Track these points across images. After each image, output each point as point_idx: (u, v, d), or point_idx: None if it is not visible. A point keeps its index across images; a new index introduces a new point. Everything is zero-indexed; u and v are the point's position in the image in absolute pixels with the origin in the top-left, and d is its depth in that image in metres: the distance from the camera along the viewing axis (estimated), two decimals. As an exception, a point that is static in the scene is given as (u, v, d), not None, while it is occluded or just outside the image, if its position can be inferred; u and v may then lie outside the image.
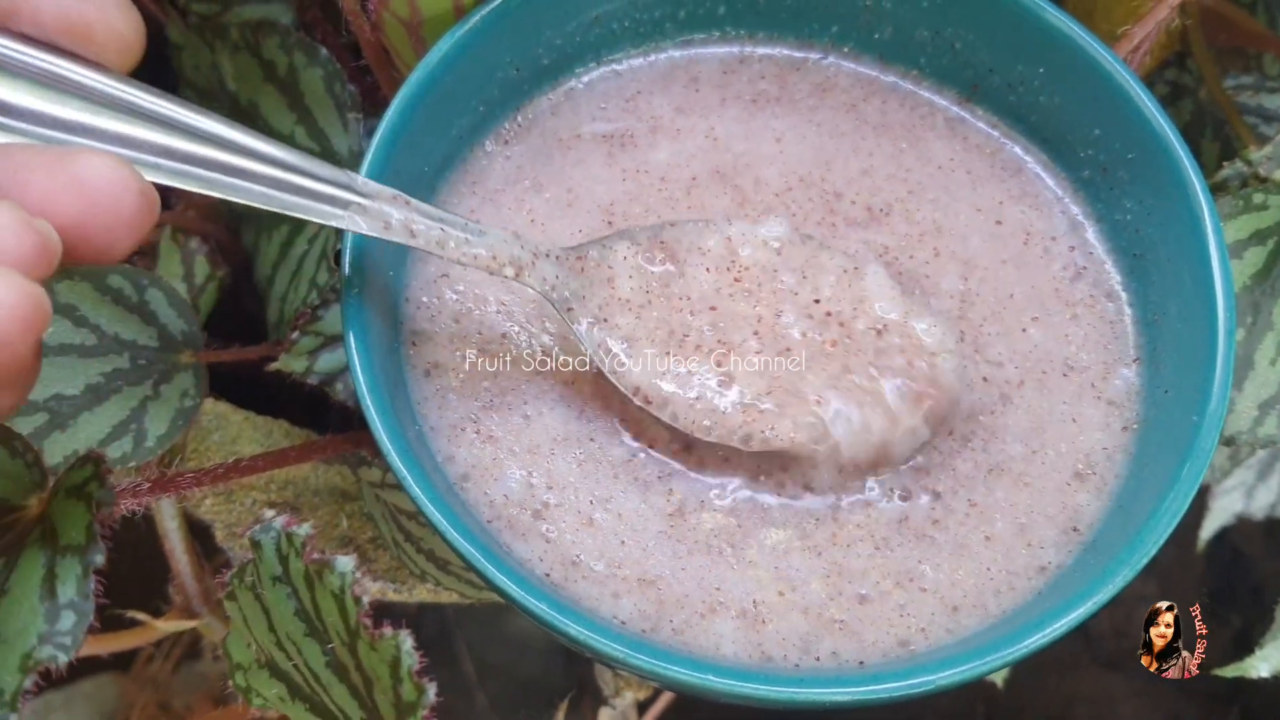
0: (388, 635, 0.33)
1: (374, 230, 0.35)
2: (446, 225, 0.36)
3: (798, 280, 0.39)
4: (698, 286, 0.39)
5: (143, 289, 0.45)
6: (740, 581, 0.36)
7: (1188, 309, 0.37)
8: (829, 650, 0.35)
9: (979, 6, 0.41)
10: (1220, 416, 0.35)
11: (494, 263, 0.36)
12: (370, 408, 0.34)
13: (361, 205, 0.34)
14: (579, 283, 0.38)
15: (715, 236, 0.39)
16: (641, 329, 0.38)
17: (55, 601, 0.32)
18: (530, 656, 0.61)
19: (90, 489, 0.33)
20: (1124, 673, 0.68)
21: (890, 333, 0.38)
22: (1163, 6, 0.44)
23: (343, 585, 0.34)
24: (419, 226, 0.35)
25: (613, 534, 0.37)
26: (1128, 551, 0.33)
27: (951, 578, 0.36)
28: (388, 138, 0.38)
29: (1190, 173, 0.38)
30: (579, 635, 0.32)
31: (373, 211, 0.35)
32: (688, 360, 0.38)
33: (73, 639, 0.32)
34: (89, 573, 0.32)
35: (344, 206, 0.34)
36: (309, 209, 0.34)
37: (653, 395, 0.37)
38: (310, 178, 0.34)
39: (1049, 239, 0.42)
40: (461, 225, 0.36)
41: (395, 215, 0.35)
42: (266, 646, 0.37)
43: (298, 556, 0.35)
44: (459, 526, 0.33)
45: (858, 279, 0.39)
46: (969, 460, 0.38)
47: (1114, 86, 0.39)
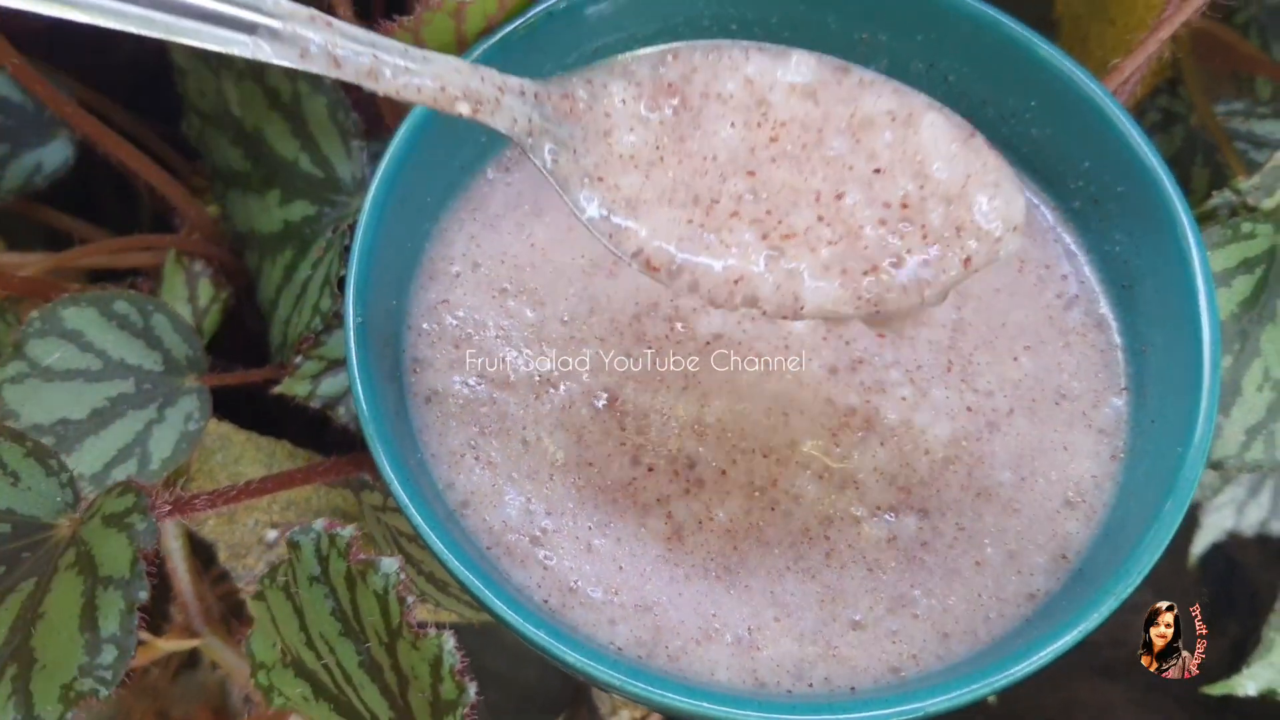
0: (431, 634, 0.34)
1: (287, 59, 0.30)
2: (380, 51, 0.31)
3: (850, 145, 0.33)
4: (725, 145, 0.33)
5: (148, 314, 0.46)
6: (736, 607, 0.37)
7: (1174, 341, 0.38)
8: (821, 676, 0.36)
9: (972, 40, 0.42)
10: (1205, 448, 0.36)
11: (443, 95, 0.31)
12: (373, 437, 0.35)
13: (271, 28, 0.30)
14: (566, 129, 0.32)
15: (734, 78, 0.33)
16: (651, 191, 0.32)
17: (97, 634, 0.32)
18: (529, 667, 0.61)
19: (133, 520, 0.34)
20: (1121, 681, 0.69)
21: (954, 204, 0.33)
22: (1153, 40, 0.44)
23: (387, 585, 0.34)
24: (343, 52, 0.30)
25: (610, 559, 0.37)
26: (1114, 581, 0.34)
27: (944, 604, 0.37)
28: (391, 169, 0.39)
29: (1178, 207, 0.39)
30: (576, 662, 0.33)
31: (285, 35, 0.30)
32: (721, 230, 0.32)
33: (114, 673, 0.32)
34: (133, 609, 0.33)
35: (249, 30, 0.29)
36: (202, 34, 0.29)
37: (660, 260, 0.32)
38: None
39: (1043, 267, 0.42)
40: (400, 51, 0.31)
41: (314, 39, 0.30)
42: (295, 646, 0.38)
43: (340, 557, 0.35)
44: (459, 554, 0.34)
45: (912, 132, 0.34)
46: (954, 483, 0.39)
47: (1103, 120, 0.40)
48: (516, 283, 0.42)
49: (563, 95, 0.33)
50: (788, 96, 0.33)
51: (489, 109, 0.32)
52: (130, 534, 0.33)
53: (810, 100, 0.33)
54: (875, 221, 0.33)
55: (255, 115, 0.48)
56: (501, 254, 0.42)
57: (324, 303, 0.45)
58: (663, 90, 0.33)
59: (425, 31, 0.40)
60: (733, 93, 0.33)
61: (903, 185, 0.33)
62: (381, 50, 0.31)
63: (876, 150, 0.33)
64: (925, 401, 0.40)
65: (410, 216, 0.41)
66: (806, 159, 0.33)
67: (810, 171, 0.33)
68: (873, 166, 0.33)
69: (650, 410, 0.39)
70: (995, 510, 0.39)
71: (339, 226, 0.46)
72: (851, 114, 0.33)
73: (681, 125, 0.33)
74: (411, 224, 0.41)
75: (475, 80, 0.31)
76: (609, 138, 0.33)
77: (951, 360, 0.41)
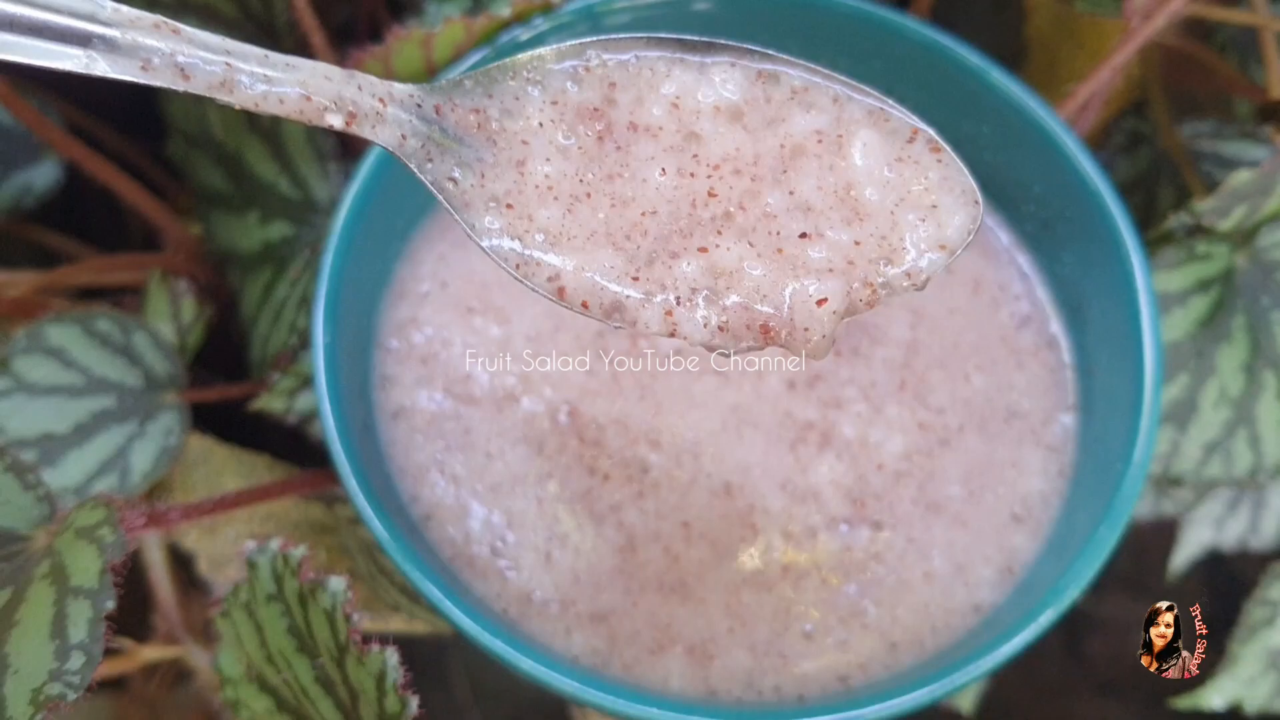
0: (375, 651, 0.35)
1: (126, 72, 0.27)
2: (235, 59, 0.27)
3: (784, 196, 0.32)
4: (661, 197, 0.31)
5: (129, 332, 0.47)
6: (690, 619, 0.38)
7: (1118, 361, 0.39)
8: (772, 685, 0.37)
9: (927, 67, 0.43)
10: (1145, 466, 0.37)
11: (309, 105, 0.27)
12: (339, 454, 0.36)
13: (108, 39, 0.26)
14: (472, 149, 0.29)
15: (658, 101, 0.31)
16: (578, 228, 0.30)
17: (66, 641, 0.34)
18: (524, 679, 0.62)
19: (103, 534, 0.35)
20: (1118, 698, 0.69)
21: (888, 235, 0.32)
22: (1107, 67, 0.45)
23: (334, 604, 0.36)
24: (192, 61, 0.27)
25: (568, 570, 0.38)
26: (1053, 595, 0.35)
27: (893, 614, 0.38)
28: (360, 192, 0.40)
29: (1123, 231, 0.40)
30: (532, 670, 0.34)
31: (124, 46, 0.26)
32: (655, 278, 0.30)
33: (81, 678, 0.33)
34: (101, 617, 0.34)
35: (82, 43, 0.26)
36: (27, 49, 0.26)
37: (582, 293, 0.30)
38: (34, 6, 0.26)
39: (997, 288, 0.44)
40: (259, 58, 0.28)
41: (158, 48, 0.27)
42: (257, 661, 0.39)
43: (293, 576, 0.37)
44: (420, 567, 0.35)
45: (841, 160, 0.32)
46: (905, 497, 0.40)
47: (1053, 146, 0.41)
48: (484, 300, 0.43)
49: (470, 109, 0.30)
50: (715, 124, 0.31)
51: (368, 122, 0.28)
52: (100, 546, 0.35)
53: (739, 127, 0.32)
54: (802, 265, 0.31)
55: (236, 137, 0.50)
56: (470, 273, 0.43)
57: (300, 321, 0.46)
58: (585, 115, 0.30)
59: (395, 60, 0.42)
60: (661, 124, 0.31)
61: (833, 220, 0.32)
62: (236, 58, 0.27)
63: (807, 195, 0.32)
64: (879, 418, 0.41)
65: (380, 237, 0.42)
66: (745, 216, 0.31)
67: (750, 229, 0.32)
68: (805, 206, 0.32)
69: (609, 422, 0.40)
70: (945, 523, 0.40)
71: (315, 247, 0.47)
72: (781, 145, 0.32)
73: (608, 160, 0.31)
74: (381, 244, 0.42)
75: (350, 88, 0.28)
76: (523, 166, 0.30)
77: (905, 378, 0.42)
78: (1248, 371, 0.47)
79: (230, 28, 0.50)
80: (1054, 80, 0.61)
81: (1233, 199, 0.47)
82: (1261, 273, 0.48)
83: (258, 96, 0.27)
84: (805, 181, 0.32)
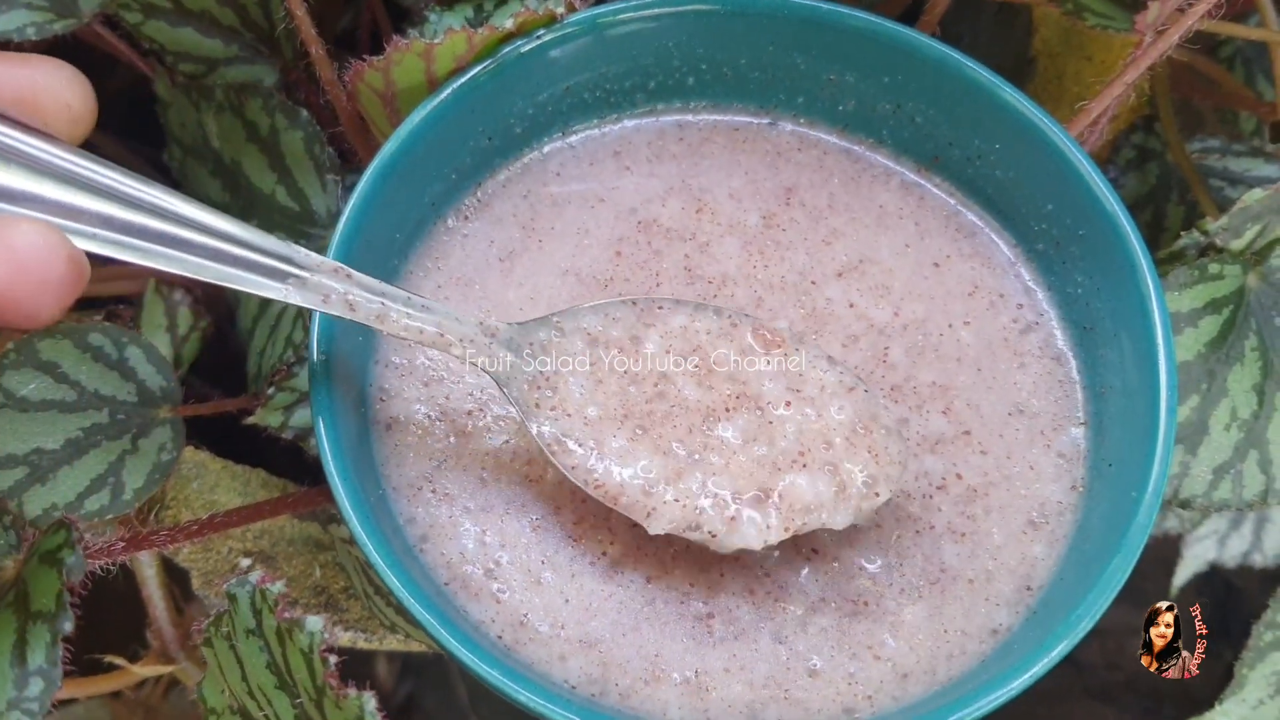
0: (352, 696, 0.34)
1: (310, 303, 0.35)
2: (388, 299, 0.36)
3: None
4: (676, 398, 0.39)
5: (122, 346, 0.46)
6: (683, 654, 0.37)
7: (1132, 387, 0.39)
8: (774, 717, 0.36)
9: (937, 83, 0.42)
10: (1159, 494, 0.36)
11: (441, 340, 0.36)
12: (333, 474, 0.35)
13: (300, 278, 0.35)
14: (532, 370, 0.38)
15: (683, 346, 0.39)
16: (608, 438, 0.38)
17: (25, 668, 0.33)
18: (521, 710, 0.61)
19: (62, 555, 0.34)
20: (1115, 704, 0.69)
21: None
22: (1119, 83, 0.45)
23: (311, 644, 0.35)
24: (357, 298, 0.35)
25: (557, 593, 0.37)
26: (1066, 626, 0.34)
27: (910, 642, 0.37)
28: (359, 206, 0.39)
29: (1138, 254, 0.39)
30: (529, 702, 0.33)
31: (311, 284, 0.35)
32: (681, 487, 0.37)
33: (40, 704, 0.33)
34: (57, 640, 0.33)
35: (282, 279, 0.34)
36: (244, 280, 0.34)
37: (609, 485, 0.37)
38: (249, 249, 0.34)
39: (997, 295, 0.43)
40: (404, 299, 0.36)
41: (335, 288, 0.35)
42: (239, 695, 0.38)
43: (271, 612, 0.36)
44: (415, 592, 0.34)
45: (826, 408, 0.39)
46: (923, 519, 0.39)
47: (1065, 164, 0.41)
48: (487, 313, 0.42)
49: (543, 345, 0.38)
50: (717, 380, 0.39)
51: (480, 355, 0.37)
52: (60, 569, 0.34)
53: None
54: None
55: (234, 148, 0.49)
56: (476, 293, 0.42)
57: (296, 335, 0.46)
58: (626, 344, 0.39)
59: (395, 71, 0.41)
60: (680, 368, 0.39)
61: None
62: (389, 299, 0.36)
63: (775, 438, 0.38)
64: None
65: (379, 251, 0.41)
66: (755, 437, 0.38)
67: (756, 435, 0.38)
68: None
69: None
70: (957, 540, 0.39)
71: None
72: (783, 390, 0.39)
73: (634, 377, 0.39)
74: (380, 259, 0.41)
75: (470, 328, 0.37)
76: (560, 387, 0.38)
77: (895, 382, 0.41)
78: (1259, 393, 0.47)
79: (229, 36, 0.50)
80: (1061, 93, 0.60)
81: (1245, 218, 0.47)
82: (1274, 293, 0.47)
83: (402, 328, 0.36)
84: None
